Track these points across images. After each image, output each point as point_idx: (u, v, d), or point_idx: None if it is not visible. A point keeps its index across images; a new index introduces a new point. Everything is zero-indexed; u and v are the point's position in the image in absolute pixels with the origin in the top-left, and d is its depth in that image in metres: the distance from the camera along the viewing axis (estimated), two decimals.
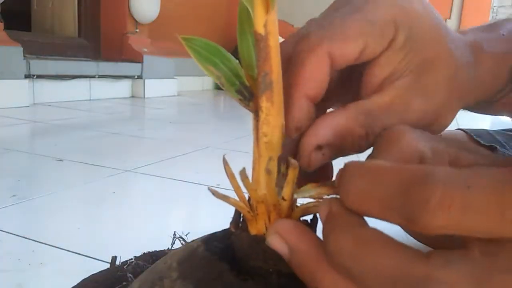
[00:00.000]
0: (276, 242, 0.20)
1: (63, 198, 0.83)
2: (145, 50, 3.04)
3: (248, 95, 0.21)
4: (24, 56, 2.15)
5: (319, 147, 0.23)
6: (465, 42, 0.27)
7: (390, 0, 0.24)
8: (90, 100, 2.61)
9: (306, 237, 0.19)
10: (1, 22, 2.08)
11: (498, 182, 0.14)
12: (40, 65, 2.28)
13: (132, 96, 2.95)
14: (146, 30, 3.20)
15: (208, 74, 0.23)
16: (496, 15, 4.77)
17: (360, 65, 0.25)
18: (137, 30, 3.09)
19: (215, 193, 0.21)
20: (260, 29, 0.19)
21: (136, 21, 3.07)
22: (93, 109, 2.28)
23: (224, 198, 0.21)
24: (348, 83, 0.27)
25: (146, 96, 2.93)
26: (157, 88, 3.05)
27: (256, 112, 0.21)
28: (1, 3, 2.07)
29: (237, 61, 0.23)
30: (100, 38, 3.09)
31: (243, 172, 0.19)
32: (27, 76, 2.17)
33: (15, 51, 2.11)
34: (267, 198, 0.20)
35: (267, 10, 0.19)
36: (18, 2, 3.03)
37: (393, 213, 0.16)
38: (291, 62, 0.23)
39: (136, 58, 2.96)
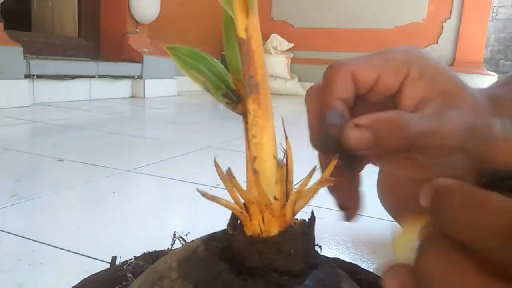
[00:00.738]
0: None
1: (63, 198, 0.83)
2: (145, 50, 3.04)
3: (236, 98, 0.22)
4: (24, 56, 2.15)
5: (356, 126, 0.25)
6: (482, 92, 0.31)
7: (403, 49, 0.30)
8: (90, 100, 2.61)
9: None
10: (1, 22, 2.08)
11: None
12: (40, 65, 2.28)
13: (132, 96, 2.95)
14: (146, 30, 3.20)
15: (193, 80, 0.23)
16: (496, 15, 4.77)
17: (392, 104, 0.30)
18: (137, 30, 3.09)
19: (205, 195, 0.21)
20: (242, 34, 0.19)
21: (136, 21, 3.07)
22: (93, 109, 2.28)
23: (215, 199, 0.21)
24: None
25: (146, 96, 2.94)
26: (157, 88, 3.05)
27: (244, 114, 0.21)
28: (1, 3, 2.07)
29: (223, 66, 0.23)
30: (100, 38, 3.09)
31: (229, 172, 0.19)
32: (27, 76, 2.17)
33: (15, 51, 2.11)
34: (258, 198, 0.20)
35: (247, 14, 0.19)
36: (18, 2, 3.03)
37: (496, 255, 0.15)
38: (324, 81, 0.29)
39: (136, 58, 2.96)
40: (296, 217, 0.23)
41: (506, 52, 5.69)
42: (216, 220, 0.54)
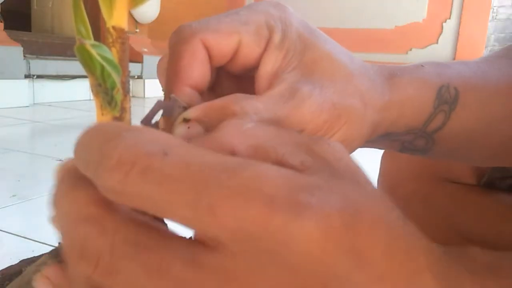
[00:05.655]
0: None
1: None
2: (145, 50, 3.04)
3: None
4: (24, 56, 2.15)
5: (185, 121, 0.21)
6: (380, 70, 0.27)
7: (263, 7, 0.24)
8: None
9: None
10: (1, 22, 2.08)
11: (207, 161, 0.13)
12: (40, 65, 2.28)
13: (132, 96, 2.96)
14: (146, 30, 3.20)
15: None
16: (496, 15, 4.77)
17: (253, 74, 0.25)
18: (137, 30, 3.09)
19: None
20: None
21: (136, 21, 3.07)
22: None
23: None
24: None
25: (146, 96, 2.94)
26: (157, 88, 3.04)
27: None
28: (1, 3, 2.07)
29: None
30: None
31: None
32: (27, 76, 2.17)
33: (15, 51, 2.11)
34: None
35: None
36: (18, 2, 3.03)
37: (90, 172, 0.14)
38: (170, 55, 0.24)
39: (136, 58, 2.96)
40: None
41: None
42: None
